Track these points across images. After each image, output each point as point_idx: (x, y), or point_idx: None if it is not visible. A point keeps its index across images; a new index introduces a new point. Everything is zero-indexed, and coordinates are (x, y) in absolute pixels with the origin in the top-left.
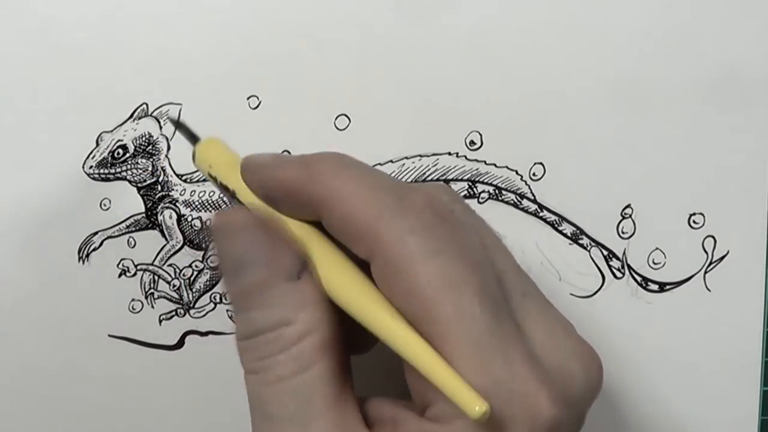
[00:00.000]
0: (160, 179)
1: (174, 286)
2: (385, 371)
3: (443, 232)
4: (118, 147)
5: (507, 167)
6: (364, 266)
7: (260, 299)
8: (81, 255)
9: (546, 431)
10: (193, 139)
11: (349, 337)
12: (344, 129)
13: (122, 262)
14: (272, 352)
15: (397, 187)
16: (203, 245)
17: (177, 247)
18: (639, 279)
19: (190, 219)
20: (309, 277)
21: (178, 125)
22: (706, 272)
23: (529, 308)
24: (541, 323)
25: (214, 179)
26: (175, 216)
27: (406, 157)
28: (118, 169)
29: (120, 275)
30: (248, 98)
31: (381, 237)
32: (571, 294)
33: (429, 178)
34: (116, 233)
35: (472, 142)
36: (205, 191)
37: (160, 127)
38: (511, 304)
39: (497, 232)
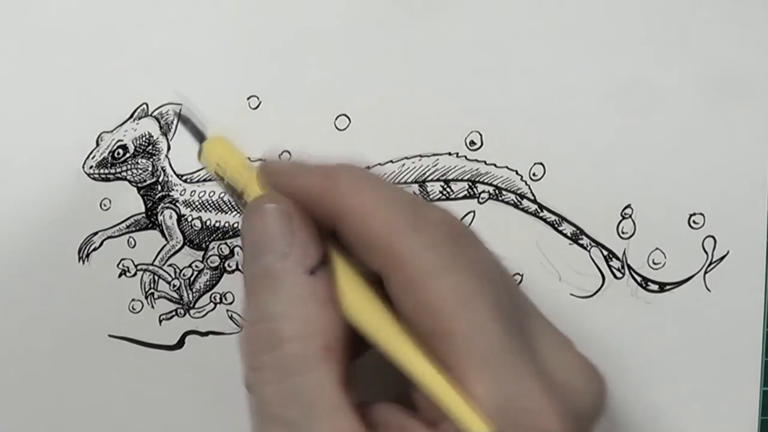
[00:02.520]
0: (160, 179)
1: (174, 286)
2: (383, 374)
3: (458, 248)
4: (118, 147)
5: (507, 167)
6: (373, 279)
7: (271, 285)
8: (81, 255)
9: None
10: (200, 136)
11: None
12: (344, 129)
13: (122, 262)
14: (270, 347)
15: (413, 203)
16: (203, 245)
17: (177, 247)
18: (639, 279)
19: (190, 219)
20: (323, 277)
21: (185, 121)
22: (706, 272)
23: (535, 326)
24: (548, 341)
25: (221, 178)
26: (175, 216)
27: (406, 157)
28: (118, 169)
29: (120, 275)
30: (248, 98)
31: (396, 252)
32: (571, 294)
33: (429, 178)
34: (116, 233)
35: (472, 142)
36: (205, 191)
37: (160, 127)
38: (523, 323)
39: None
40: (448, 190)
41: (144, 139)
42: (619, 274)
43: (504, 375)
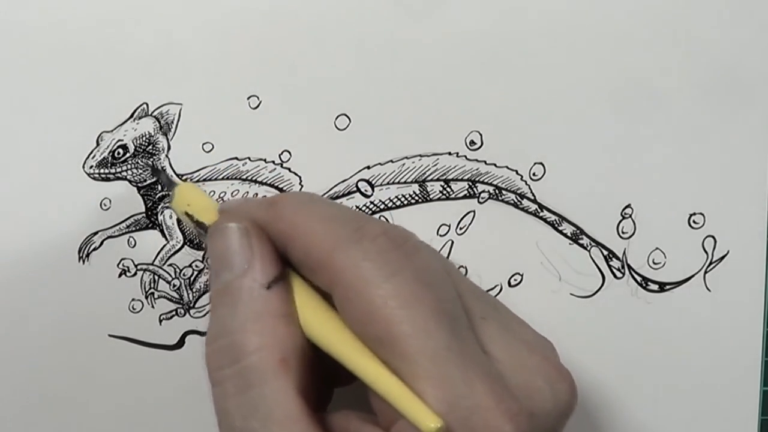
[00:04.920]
0: (161, 179)
1: (174, 285)
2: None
3: (397, 255)
4: (118, 147)
5: (507, 167)
6: (328, 298)
7: (231, 300)
8: (81, 255)
9: None
10: (171, 184)
11: (333, 371)
12: (344, 129)
13: (122, 262)
14: (230, 361)
15: (352, 219)
16: (204, 245)
17: (177, 247)
18: (639, 279)
19: None
20: (280, 292)
21: (158, 172)
22: (706, 272)
23: (490, 330)
24: (503, 344)
25: (191, 217)
26: (175, 216)
27: (406, 157)
28: (119, 169)
29: (120, 275)
30: (248, 98)
31: (338, 265)
32: (571, 294)
33: (429, 178)
34: (116, 233)
35: (472, 142)
36: (205, 191)
37: (161, 127)
38: (473, 327)
39: (451, 261)
40: (448, 189)
41: (144, 138)
42: (619, 274)
43: (451, 375)
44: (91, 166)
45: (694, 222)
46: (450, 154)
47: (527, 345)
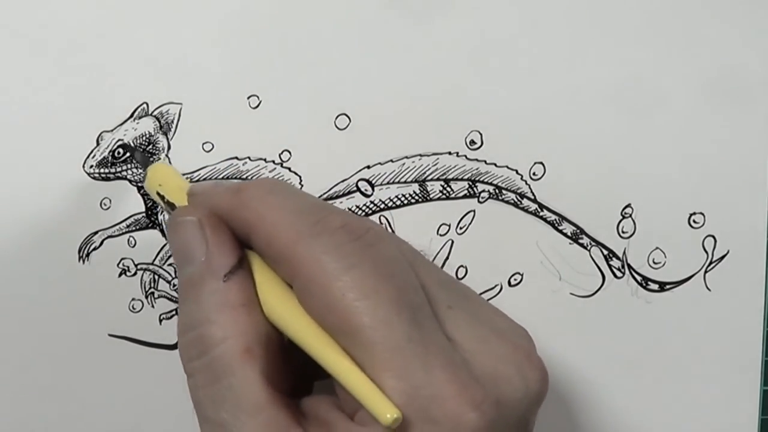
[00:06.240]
0: None
1: (174, 285)
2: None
3: (356, 248)
4: (118, 146)
5: (507, 167)
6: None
7: (193, 293)
8: (81, 255)
9: None
10: (145, 163)
11: (310, 362)
12: (344, 129)
13: (122, 261)
14: (198, 353)
15: (315, 210)
16: None
17: None
18: (639, 278)
19: None
20: (239, 281)
21: (132, 150)
22: (706, 272)
23: (457, 319)
24: (471, 332)
25: (162, 198)
26: None
27: (406, 157)
28: (119, 169)
29: (120, 275)
30: (248, 98)
31: (298, 259)
32: (571, 293)
33: (429, 177)
34: (116, 233)
35: (473, 142)
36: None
37: (161, 126)
38: (439, 316)
39: (417, 249)
40: (448, 189)
41: (144, 138)
42: (619, 274)
43: (411, 365)
44: (91, 166)
45: (694, 222)
46: (450, 153)
47: (498, 333)
